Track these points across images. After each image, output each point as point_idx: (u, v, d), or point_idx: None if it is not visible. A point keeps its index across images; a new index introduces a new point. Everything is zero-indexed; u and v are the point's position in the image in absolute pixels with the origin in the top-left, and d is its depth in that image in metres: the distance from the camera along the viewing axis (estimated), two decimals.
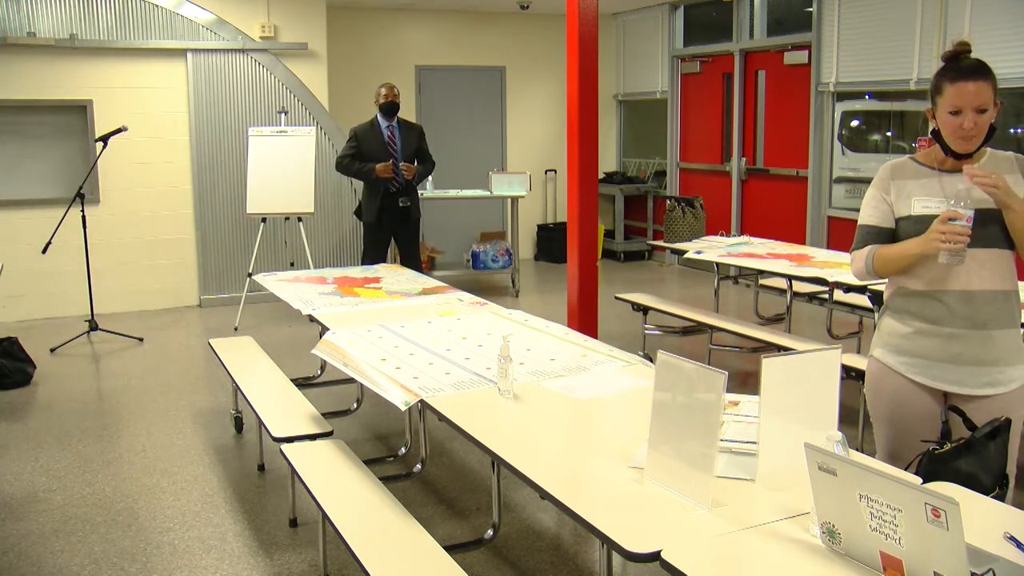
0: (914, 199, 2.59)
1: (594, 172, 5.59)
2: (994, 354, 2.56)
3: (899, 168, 2.67)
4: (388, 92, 6.77)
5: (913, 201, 2.58)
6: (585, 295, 5.62)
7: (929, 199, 2.56)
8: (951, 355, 2.57)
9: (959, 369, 2.58)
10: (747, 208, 8.86)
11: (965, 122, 2.46)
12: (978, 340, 2.55)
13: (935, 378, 2.60)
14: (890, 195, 2.63)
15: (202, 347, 6.48)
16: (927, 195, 2.57)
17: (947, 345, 2.57)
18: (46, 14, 7.23)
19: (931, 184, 2.59)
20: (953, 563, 1.48)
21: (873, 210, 2.66)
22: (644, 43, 10.09)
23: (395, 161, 6.72)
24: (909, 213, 2.58)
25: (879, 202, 2.65)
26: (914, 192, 2.60)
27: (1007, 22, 6.10)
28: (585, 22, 5.36)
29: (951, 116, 2.48)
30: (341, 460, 3.17)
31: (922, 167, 2.64)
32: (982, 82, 2.47)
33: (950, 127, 2.50)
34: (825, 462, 1.66)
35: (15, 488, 4.12)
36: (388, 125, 6.81)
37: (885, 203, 2.64)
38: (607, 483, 2.12)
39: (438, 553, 2.51)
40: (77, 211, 6.54)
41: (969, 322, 2.54)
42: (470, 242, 9.28)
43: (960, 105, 2.46)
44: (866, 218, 2.68)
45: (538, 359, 3.17)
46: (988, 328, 2.55)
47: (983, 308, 2.54)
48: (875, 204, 2.66)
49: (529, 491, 3.80)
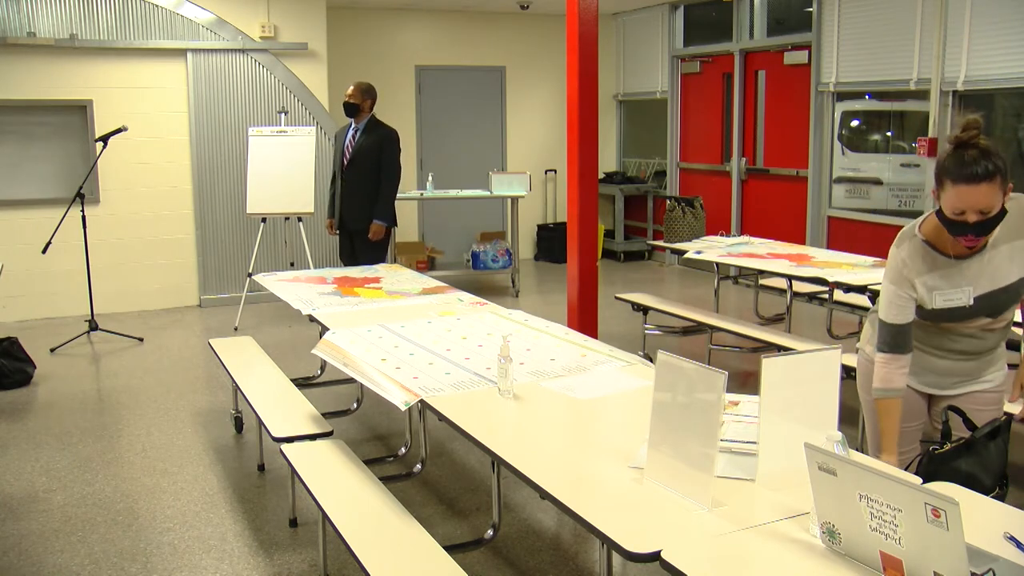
0: (935, 294, 2.53)
1: (594, 172, 5.59)
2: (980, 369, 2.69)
3: (915, 259, 2.53)
4: (347, 92, 6.32)
5: (935, 296, 2.53)
6: (585, 295, 5.62)
7: (951, 291, 2.52)
8: (939, 370, 2.69)
9: (943, 379, 2.71)
10: (747, 208, 8.86)
11: (969, 218, 2.33)
12: (968, 364, 2.68)
13: (921, 384, 2.73)
14: (915, 292, 2.54)
15: (202, 347, 6.48)
16: (949, 286, 2.52)
17: (936, 363, 2.69)
18: (46, 14, 7.23)
19: (951, 274, 2.51)
20: (953, 563, 1.48)
21: (898, 311, 2.56)
22: (644, 43, 10.09)
23: (331, 218, 6.41)
24: (932, 307, 2.55)
25: (904, 302, 2.55)
26: (934, 286, 2.53)
27: (1007, 22, 6.09)
28: (585, 22, 5.36)
29: (955, 214, 2.36)
30: (341, 460, 3.17)
31: (937, 255, 2.52)
32: (988, 185, 2.30)
33: (953, 223, 2.38)
34: (825, 462, 1.67)
35: (15, 488, 4.11)
36: (353, 128, 6.35)
37: (909, 300, 2.56)
38: (607, 483, 2.12)
39: (438, 553, 2.51)
40: (77, 211, 6.54)
41: (963, 355, 2.66)
42: (470, 242, 9.28)
43: (964, 208, 2.33)
44: (893, 317, 2.58)
45: (538, 359, 3.17)
46: (980, 357, 2.67)
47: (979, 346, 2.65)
48: (899, 304, 2.56)
49: (529, 491, 3.80)
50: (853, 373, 2.90)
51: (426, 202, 9.65)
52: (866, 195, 7.69)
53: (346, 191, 6.33)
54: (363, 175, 6.23)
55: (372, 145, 6.23)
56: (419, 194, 8.45)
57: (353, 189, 6.29)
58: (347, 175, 6.32)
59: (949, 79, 6.49)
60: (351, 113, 6.29)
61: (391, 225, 6.38)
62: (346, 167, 6.32)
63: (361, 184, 6.24)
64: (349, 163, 6.30)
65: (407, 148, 9.62)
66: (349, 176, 6.31)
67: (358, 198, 6.26)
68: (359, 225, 6.25)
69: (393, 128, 6.35)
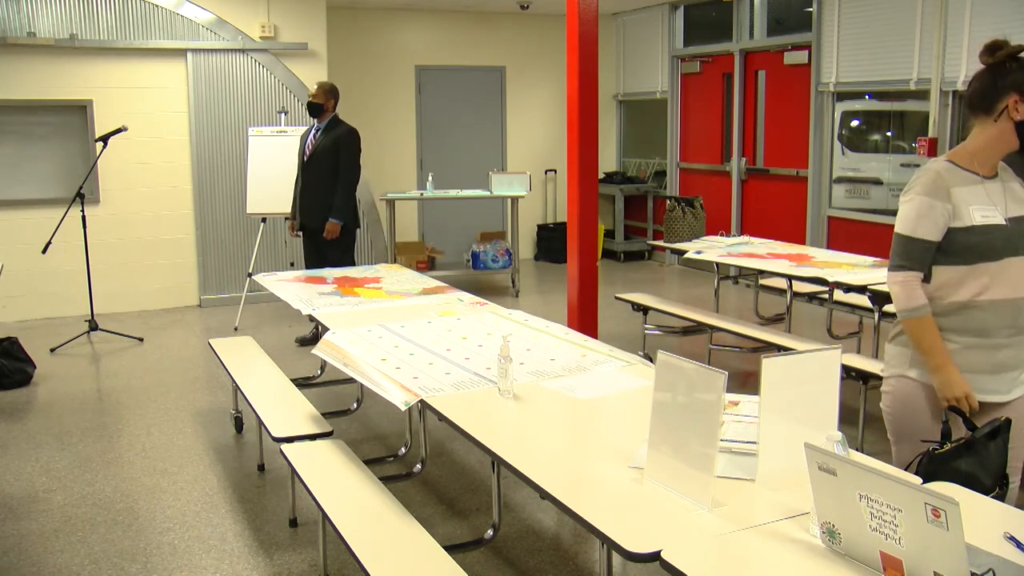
0: (972, 208, 2.47)
1: (594, 172, 5.59)
2: None
3: (949, 173, 2.51)
4: (311, 92, 6.28)
5: (973, 211, 2.47)
6: (585, 295, 5.62)
7: (984, 208, 2.48)
8: (994, 365, 2.55)
9: (998, 378, 2.57)
10: (747, 208, 8.86)
11: None
12: (1019, 345, 2.55)
13: (977, 391, 2.55)
14: (950, 202, 2.47)
15: (202, 347, 6.48)
16: (981, 203, 2.49)
17: (992, 356, 2.55)
18: (46, 14, 7.23)
19: (978, 191, 2.51)
20: (953, 563, 1.48)
21: (931, 223, 2.47)
22: (644, 43, 10.09)
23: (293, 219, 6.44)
24: (971, 224, 2.47)
25: (938, 212, 2.47)
26: (969, 200, 2.48)
27: (1007, 22, 6.09)
28: (585, 22, 5.36)
29: None
30: (341, 460, 3.17)
31: (967, 172, 2.53)
32: None
33: None
34: (825, 462, 1.66)
35: (15, 488, 4.11)
36: (315, 128, 6.34)
37: (943, 213, 2.47)
38: (607, 483, 2.12)
39: (438, 553, 2.51)
40: (77, 211, 6.54)
41: (1013, 329, 2.54)
42: (470, 242, 9.28)
43: None
44: (921, 231, 2.49)
45: (538, 359, 3.17)
46: None
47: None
48: (932, 215, 2.47)
49: (529, 491, 3.80)
50: (853, 373, 2.88)
51: (426, 202, 9.65)
52: (866, 195, 7.69)
53: (304, 191, 6.33)
54: (321, 174, 6.20)
55: (330, 144, 6.19)
56: (419, 194, 8.45)
57: (311, 189, 6.27)
58: (305, 174, 6.31)
59: (949, 79, 6.50)
60: (315, 113, 6.27)
61: (351, 224, 6.28)
62: (304, 166, 6.31)
63: (319, 183, 6.20)
64: (307, 162, 6.29)
65: (408, 148, 9.69)
66: (307, 175, 6.30)
67: (316, 198, 6.23)
68: (317, 225, 6.21)
69: (352, 127, 6.29)
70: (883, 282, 4.51)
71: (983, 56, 2.52)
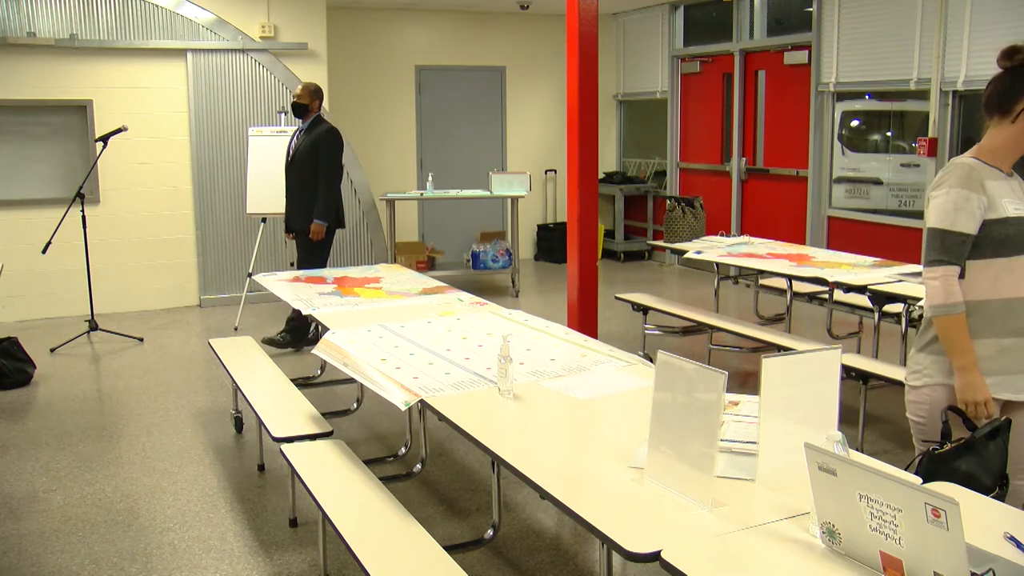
0: (1005, 201, 2.50)
1: (594, 172, 5.59)
2: None
3: (980, 168, 2.54)
4: (295, 92, 6.24)
5: (1005, 203, 2.50)
6: (585, 295, 5.62)
7: (1015, 201, 2.51)
8: None
9: None
10: (747, 208, 8.86)
11: None
12: None
13: (1016, 390, 2.56)
14: (985, 194, 2.49)
15: (202, 347, 6.48)
16: (1010, 197, 2.52)
17: None
18: (46, 14, 7.23)
19: (1005, 187, 2.54)
20: (953, 563, 1.48)
21: (968, 215, 2.48)
22: (644, 43, 10.09)
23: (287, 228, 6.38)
24: (1005, 215, 2.49)
25: (974, 204, 2.48)
26: (1002, 193, 2.51)
27: (1007, 22, 6.09)
28: (585, 22, 5.36)
29: None
30: (341, 460, 3.17)
31: (993, 168, 2.56)
32: None
33: None
34: (825, 462, 1.66)
35: (15, 488, 4.11)
36: (299, 128, 6.30)
37: (979, 204, 2.48)
38: (607, 483, 2.12)
39: (438, 553, 2.51)
40: (77, 211, 6.54)
41: None
42: (470, 242, 9.28)
43: None
44: (960, 224, 2.49)
45: (538, 359, 3.17)
46: None
47: None
48: (969, 207, 2.48)
49: (529, 491, 3.80)
50: (853, 373, 2.88)
51: (426, 202, 9.65)
52: (866, 195, 7.69)
53: (288, 192, 6.31)
54: (303, 175, 6.15)
55: (311, 144, 6.12)
56: (419, 194, 8.45)
57: (293, 189, 6.25)
58: (288, 175, 6.30)
59: (949, 79, 6.50)
60: (299, 113, 6.23)
61: (334, 225, 6.20)
62: (288, 168, 6.29)
63: (301, 184, 6.17)
64: (290, 163, 6.26)
65: (408, 148, 9.69)
66: (290, 176, 6.28)
67: (298, 198, 6.20)
68: (300, 225, 6.17)
69: (332, 126, 6.25)
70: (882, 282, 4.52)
71: (1001, 60, 2.55)
